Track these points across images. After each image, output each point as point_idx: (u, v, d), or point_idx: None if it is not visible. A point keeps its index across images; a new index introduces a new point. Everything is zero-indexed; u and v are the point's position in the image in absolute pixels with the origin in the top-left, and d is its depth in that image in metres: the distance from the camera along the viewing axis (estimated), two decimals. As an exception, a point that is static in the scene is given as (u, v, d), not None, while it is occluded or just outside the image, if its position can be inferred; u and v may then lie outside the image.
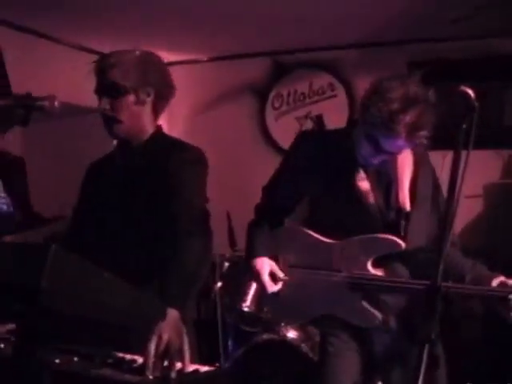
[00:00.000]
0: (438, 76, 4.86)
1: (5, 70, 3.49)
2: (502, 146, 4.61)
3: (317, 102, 5.27)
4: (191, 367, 1.79)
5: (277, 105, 5.44)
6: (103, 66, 2.26)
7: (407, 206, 2.37)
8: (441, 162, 3.33)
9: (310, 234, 2.48)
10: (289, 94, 5.40)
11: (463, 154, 1.57)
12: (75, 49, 4.94)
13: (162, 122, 2.46)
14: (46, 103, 1.92)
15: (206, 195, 2.31)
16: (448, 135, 1.70)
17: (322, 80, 5.27)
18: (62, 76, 4.52)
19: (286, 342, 3.64)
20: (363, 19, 4.40)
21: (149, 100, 2.28)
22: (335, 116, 5.18)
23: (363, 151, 2.34)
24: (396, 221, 2.37)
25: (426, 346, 1.32)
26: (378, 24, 4.53)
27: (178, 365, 1.75)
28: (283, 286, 2.47)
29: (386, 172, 2.41)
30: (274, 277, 2.46)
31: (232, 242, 4.31)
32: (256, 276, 2.45)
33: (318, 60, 5.27)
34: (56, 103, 1.92)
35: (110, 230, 2.28)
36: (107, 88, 2.24)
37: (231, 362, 3.71)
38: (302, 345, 3.58)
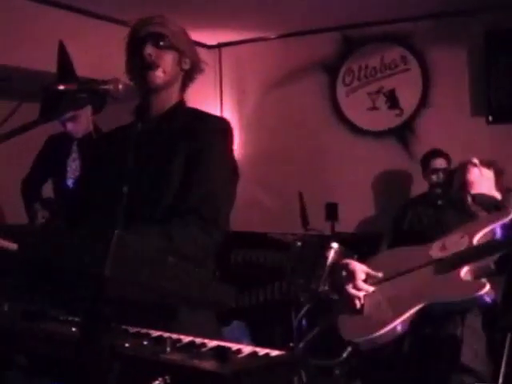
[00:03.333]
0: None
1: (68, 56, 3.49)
2: None
3: (389, 76, 5.14)
4: (261, 351, 1.75)
5: (348, 80, 5.33)
6: (153, 21, 2.18)
7: None
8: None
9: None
10: (360, 69, 5.28)
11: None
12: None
13: (233, 100, 2.40)
14: (111, 87, 1.92)
15: (237, 174, 2.19)
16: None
17: (394, 53, 5.13)
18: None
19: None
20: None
21: (184, 69, 2.22)
22: (408, 90, 5.06)
23: None
24: None
25: (509, 335, 1.23)
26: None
27: (248, 348, 1.72)
28: (368, 297, 2.55)
29: None
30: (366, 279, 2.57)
31: (304, 222, 4.28)
32: (349, 276, 2.53)
33: (389, 33, 5.13)
34: (120, 86, 1.92)
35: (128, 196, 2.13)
36: (155, 36, 2.15)
37: (305, 343, 3.68)
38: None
